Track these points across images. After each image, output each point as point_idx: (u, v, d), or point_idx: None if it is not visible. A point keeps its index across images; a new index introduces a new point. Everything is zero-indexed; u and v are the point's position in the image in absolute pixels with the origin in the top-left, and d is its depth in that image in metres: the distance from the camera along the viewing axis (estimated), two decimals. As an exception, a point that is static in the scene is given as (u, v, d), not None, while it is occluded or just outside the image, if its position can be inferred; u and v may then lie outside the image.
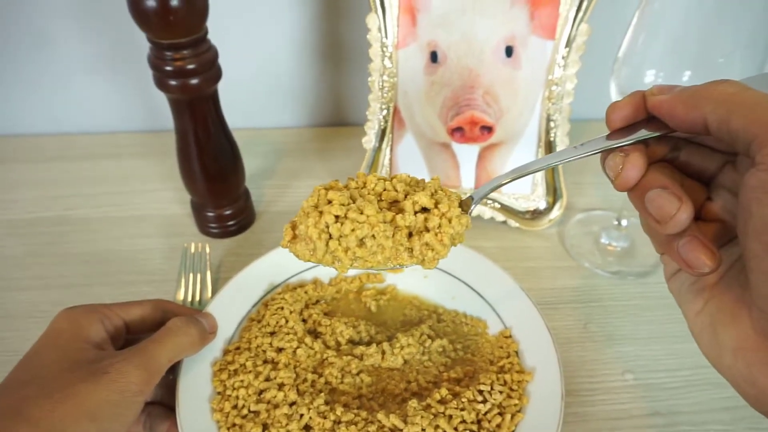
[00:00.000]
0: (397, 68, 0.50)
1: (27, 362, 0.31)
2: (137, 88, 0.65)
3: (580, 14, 0.46)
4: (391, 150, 0.53)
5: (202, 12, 0.41)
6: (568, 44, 0.47)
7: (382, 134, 0.52)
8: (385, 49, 0.49)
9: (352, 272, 0.46)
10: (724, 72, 0.39)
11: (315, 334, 0.42)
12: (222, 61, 0.44)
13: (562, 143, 0.51)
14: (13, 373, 0.31)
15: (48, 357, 0.31)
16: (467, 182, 0.53)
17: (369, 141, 0.53)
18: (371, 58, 0.50)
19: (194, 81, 0.43)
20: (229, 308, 0.42)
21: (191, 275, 0.47)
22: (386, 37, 0.49)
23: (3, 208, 0.57)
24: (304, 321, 0.43)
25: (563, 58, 0.48)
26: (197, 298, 0.45)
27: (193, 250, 0.49)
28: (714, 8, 0.37)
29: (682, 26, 0.39)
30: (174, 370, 0.38)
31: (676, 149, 0.26)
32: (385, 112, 0.51)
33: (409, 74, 0.50)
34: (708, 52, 0.39)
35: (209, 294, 0.45)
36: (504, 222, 0.53)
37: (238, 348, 0.40)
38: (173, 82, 0.42)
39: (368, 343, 0.41)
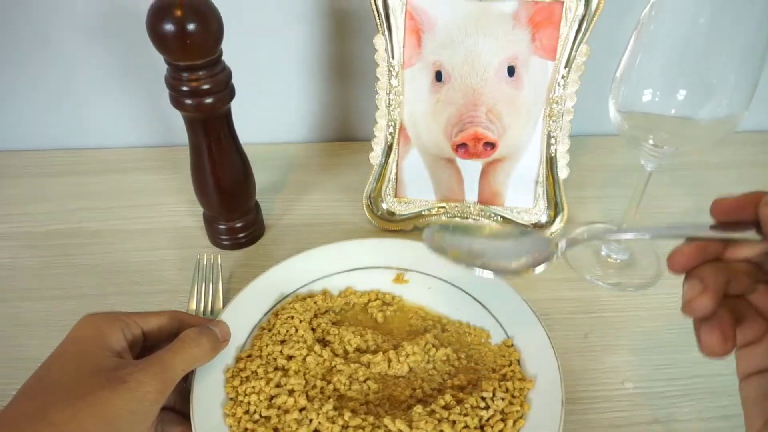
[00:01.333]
0: (403, 87, 0.52)
1: (49, 366, 0.33)
2: (150, 104, 0.67)
3: (580, 35, 0.48)
4: (397, 165, 0.55)
5: (218, 36, 0.43)
6: (568, 64, 0.49)
7: (389, 150, 0.54)
8: (391, 68, 0.51)
9: (361, 288, 0.48)
10: (720, 90, 0.41)
11: (324, 342, 0.43)
12: (235, 78, 0.46)
13: (562, 159, 0.52)
14: (36, 377, 0.32)
15: (70, 363, 0.32)
16: (471, 196, 0.55)
17: (376, 156, 0.54)
18: (378, 78, 0.52)
19: (209, 100, 0.44)
20: (241, 317, 0.43)
21: (203, 285, 0.48)
22: (393, 57, 0.51)
23: (18, 221, 0.58)
24: (313, 330, 0.44)
25: (563, 77, 0.50)
26: (209, 308, 0.47)
27: (205, 261, 0.50)
28: (707, 30, 0.39)
29: (677, 47, 0.41)
30: (188, 378, 0.39)
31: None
32: (391, 128, 0.53)
33: (414, 93, 0.52)
34: (702, 71, 0.41)
35: (221, 304, 0.47)
36: (507, 235, 0.55)
37: (249, 355, 0.41)
38: (189, 102, 0.44)
39: (375, 352, 0.42)
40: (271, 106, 0.68)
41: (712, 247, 0.27)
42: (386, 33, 0.50)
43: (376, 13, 0.49)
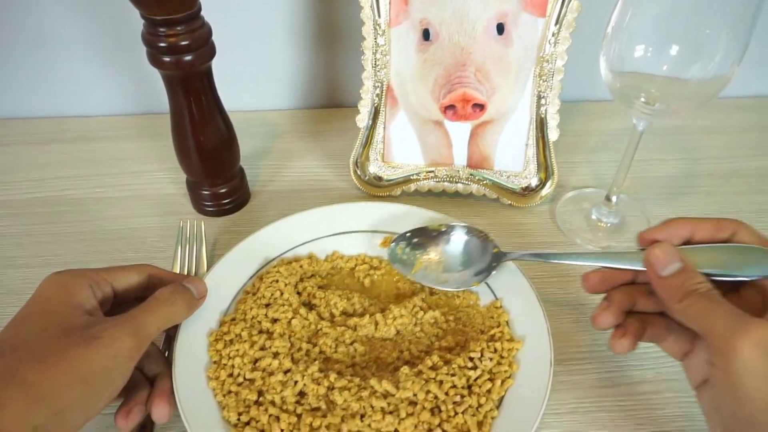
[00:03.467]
0: (389, 46, 0.50)
1: (16, 327, 0.31)
2: (132, 71, 0.65)
3: (571, -9, 0.47)
4: (385, 128, 0.53)
5: (196, -13, 0.41)
6: (559, 21, 0.48)
7: (376, 112, 0.53)
8: (377, 27, 0.49)
9: (348, 252, 0.47)
10: (711, 47, 0.40)
11: (309, 306, 0.43)
12: (218, 44, 0.45)
13: (553, 120, 0.51)
14: (1, 337, 0.31)
15: (39, 322, 0.31)
16: (460, 159, 0.54)
17: (362, 119, 0.53)
18: (364, 36, 0.50)
19: (188, 57, 0.43)
20: (225, 281, 0.42)
21: (186, 250, 0.47)
22: (379, 15, 0.49)
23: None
24: (299, 293, 0.43)
25: (554, 35, 0.48)
26: (193, 272, 0.46)
27: (188, 227, 0.49)
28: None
29: (668, 1, 0.39)
30: (170, 344, 0.38)
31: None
32: (378, 90, 0.52)
33: (401, 52, 0.50)
34: (694, 27, 0.40)
35: (204, 268, 0.46)
36: (496, 199, 0.54)
37: (233, 319, 0.40)
38: (167, 59, 0.43)
39: (362, 315, 0.41)
40: (255, 72, 0.66)
41: (623, 274, 0.36)
42: (372, -10, 0.48)
43: (361, -31, 0.48)
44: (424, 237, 0.45)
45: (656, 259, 0.32)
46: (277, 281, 0.43)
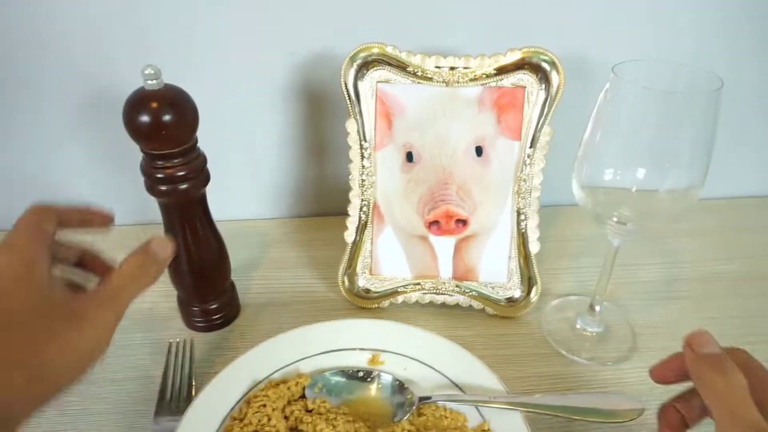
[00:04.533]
0: (375, 168, 0.53)
1: None
2: (126, 182, 0.67)
3: (542, 117, 0.50)
4: (372, 243, 0.55)
5: (193, 125, 0.44)
6: (533, 144, 0.51)
7: (363, 228, 0.55)
8: (364, 150, 0.52)
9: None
10: (674, 170, 0.43)
11: (297, 431, 0.42)
12: (210, 154, 0.47)
13: (533, 233, 0.53)
14: None
15: (16, 300, 0.29)
16: (445, 272, 0.55)
17: (350, 235, 0.55)
18: (351, 159, 0.53)
19: (184, 186, 0.45)
20: (212, 407, 0.42)
21: (175, 372, 0.47)
22: (365, 140, 0.52)
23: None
24: (286, 418, 0.43)
25: (529, 156, 0.51)
26: (183, 393, 0.46)
27: (176, 347, 0.50)
28: (656, 119, 0.41)
29: (632, 130, 0.43)
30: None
31: None
32: (365, 208, 0.54)
33: (386, 173, 0.53)
34: (658, 152, 0.43)
35: (193, 392, 0.46)
36: (482, 310, 0.55)
37: (220, 449, 0.40)
38: (163, 188, 0.45)
39: (350, 441, 0.41)
40: (246, 182, 0.69)
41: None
42: (358, 117, 0.52)
43: (347, 98, 0.51)
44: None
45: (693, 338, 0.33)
46: (264, 406, 0.42)
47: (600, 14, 0.61)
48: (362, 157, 0.53)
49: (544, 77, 0.50)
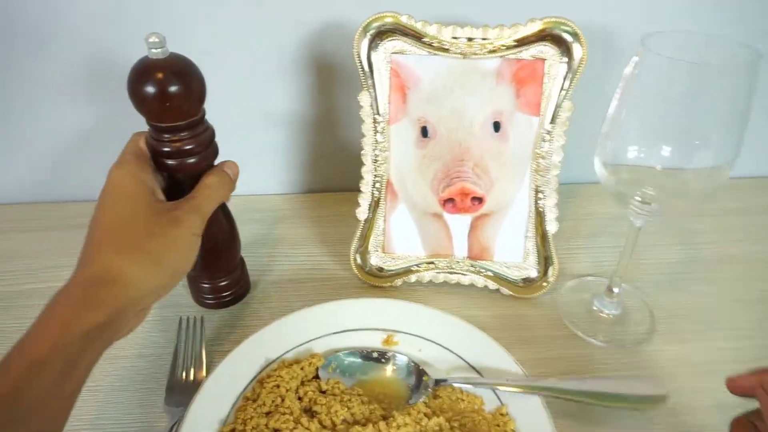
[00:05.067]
0: (389, 143, 0.51)
1: (104, 220, 0.37)
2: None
3: (563, 92, 0.48)
4: (385, 220, 0.54)
5: (200, 97, 0.42)
6: (553, 120, 0.49)
7: (376, 205, 0.53)
8: (377, 124, 0.51)
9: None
10: (702, 149, 0.41)
11: (311, 412, 0.42)
12: (220, 128, 0.45)
13: (551, 213, 0.52)
14: (106, 219, 0.36)
15: (131, 204, 0.37)
16: (460, 251, 0.54)
17: (362, 212, 0.54)
18: (364, 133, 0.51)
19: (191, 160, 0.44)
20: (224, 388, 0.42)
21: (186, 350, 0.47)
22: (378, 113, 0.50)
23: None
24: (300, 399, 0.42)
25: (548, 133, 0.50)
26: (192, 371, 0.45)
27: (187, 323, 0.49)
28: (686, 93, 0.39)
29: (660, 106, 0.41)
30: None
31: None
32: (378, 184, 0.53)
33: (400, 148, 0.51)
34: (687, 129, 0.41)
35: (204, 372, 0.45)
36: (497, 290, 0.54)
37: (233, 430, 0.39)
38: (171, 162, 0.43)
39: (364, 424, 0.40)
40: (255, 156, 0.68)
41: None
42: (371, 89, 0.50)
43: (360, 69, 0.49)
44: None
45: None
46: (278, 386, 0.42)
47: (624, -18, 0.59)
48: (375, 131, 0.51)
49: (565, 49, 0.47)
